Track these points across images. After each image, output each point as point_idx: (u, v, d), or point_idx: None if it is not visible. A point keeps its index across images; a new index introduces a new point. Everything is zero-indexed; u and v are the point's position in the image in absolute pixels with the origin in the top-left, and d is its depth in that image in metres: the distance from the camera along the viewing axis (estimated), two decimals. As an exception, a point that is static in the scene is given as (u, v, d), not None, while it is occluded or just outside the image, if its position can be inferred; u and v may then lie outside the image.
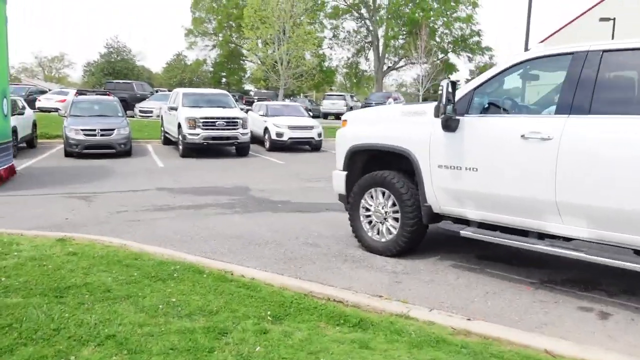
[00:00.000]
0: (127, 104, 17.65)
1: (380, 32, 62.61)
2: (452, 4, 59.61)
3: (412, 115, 5.31)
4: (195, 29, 64.84)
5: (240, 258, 5.50)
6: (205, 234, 6.58)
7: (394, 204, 5.45)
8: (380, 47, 62.33)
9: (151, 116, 26.26)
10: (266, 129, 18.08)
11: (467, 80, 79.39)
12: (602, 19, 34.22)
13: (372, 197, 5.68)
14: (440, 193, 5.03)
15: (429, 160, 5.05)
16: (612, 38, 34.14)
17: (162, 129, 18.98)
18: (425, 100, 56.98)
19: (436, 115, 4.76)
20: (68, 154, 15.05)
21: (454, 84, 4.72)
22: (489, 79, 4.86)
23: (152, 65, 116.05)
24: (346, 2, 62.60)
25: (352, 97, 39.97)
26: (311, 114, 21.05)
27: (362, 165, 5.96)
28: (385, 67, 64.20)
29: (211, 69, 69.07)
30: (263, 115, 18.69)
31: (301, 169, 13.53)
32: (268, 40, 27.55)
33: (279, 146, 17.77)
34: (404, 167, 5.50)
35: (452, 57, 63.69)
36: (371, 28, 62.92)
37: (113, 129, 15.09)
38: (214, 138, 15.45)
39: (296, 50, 28.51)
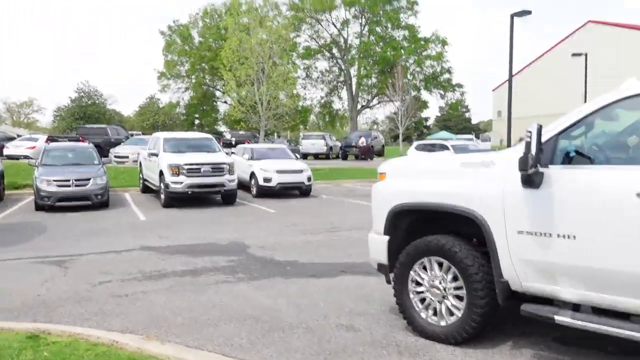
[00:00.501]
0: (101, 149, 16.48)
1: (353, 71, 62.98)
2: (422, 42, 60.50)
3: (477, 167, 4.34)
4: (168, 72, 64.08)
5: (267, 354, 4.36)
6: (213, 314, 5.42)
7: (455, 278, 4.41)
8: (353, 86, 62.53)
9: (127, 162, 24.94)
10: (252, 174, 17.02)
11: (439, 117, 79.12)
12: (574, 54, 34.64)
13: (425, 268, 4.64)
14: (522, 266, 4.03)
15: (505, 225, 4.07)
16: (585, 73, 34.55)
17: (141, 175, 17.75)
18: (409, 139, 56.97)
19: (522, 168, 3.78)
20: (39, 207, 13.69)
21: (540, 129, 3.79)
22: (579, 121, 3.95)
23: (123, 108, 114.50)
24: (318, 43, 63.00)
25: (330, 136, 39.30)
26: (298, 156, 20.06)
27: (407, 228, 4.93)
28: (359, 106, 64.35)
29: (184, 111, 68.08)
30: (249, 159, 17.64)
31: (296, 220, 12.45)
32: (248, 81, 26.74)
33: (266, 192, 16.70)
34: (465, 231, 4.51)
35: (424, 94, 64.13)
36: (343, 67, 63.23)
37: (89, 179, 13.83)
38: (199, 186, 14.31)
39: (275, 91, 27.79)
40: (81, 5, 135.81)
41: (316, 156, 35.61)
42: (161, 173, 14.54)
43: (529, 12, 21.41)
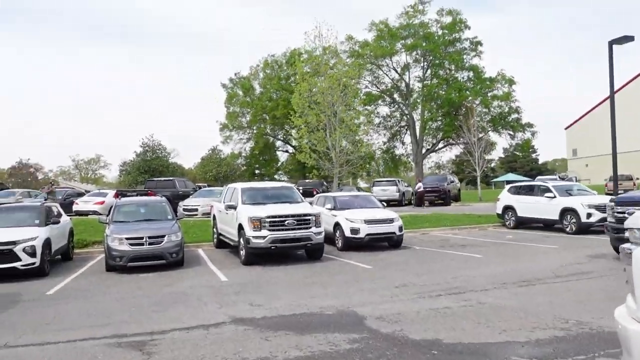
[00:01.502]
0: (170, 203, 15.49)
1: (416, 115, 61.35)
2: (488, 83, 58.36)
3: None
4: (230, 123, 64.61)
5: None
6: None
7: None
8: (417, 130, 60.75)
9: (197, 214, 23.92)
10: (337, 225, 15.35)
11: (502, 159, 75.01)
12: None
13: None
14: None
15: None
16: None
17: (215, 230, 16.43)
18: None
19: None
20: (110, 268, 12.47)
21: None
22: None
23: (184, 161, 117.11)
24: (379, 88, 62.03)
25: (401, 182, 37.35)
26: (384, 204, 18.28)
27: None
28: (423, 150, 62.30)
29: (244, 162, 68.18)
30: (331, 209, 16.02)
31: (402, 278, 10.56)
32: (320, 126, 25.50)
33: (354, 244, 14.94)
34: None
35: (492, 135, 61.37)
36: (406, 112, 61.74)
37: (163, 236, 12.53)
38: (283, 240, 12.72)
39: (348, 136, 26.42)
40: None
41: (388, 203, 33.65)
42: (240, 227, 13.11)
43: (631, 39, 19.16)
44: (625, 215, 10.64)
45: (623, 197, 12.16)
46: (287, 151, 68.23)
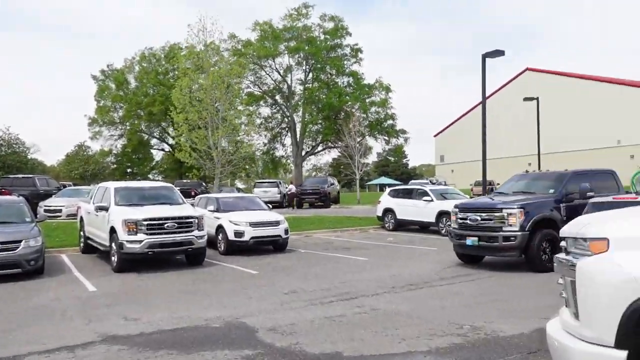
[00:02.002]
0: (29, 203, 13.67)
1: (297, 117, 61.74)
2: (366, 89, 60.35)
3: None
4: (100, 118, 60.31)
5: None
6: None
7: None
8: (297, 132, 61.15)
9: (60, 216, 21.65)
10: (220, 228, 14.57)
11: (376, 163, 77.99)
12: (526, 99, 34.57)
13: None
14: None
15: None
16: (538, 117, 34.59)
17: (82, 233, 14.84)
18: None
19: None
20: (-50, 280, 10.61)
21: None
22: None
23: (46, 158, 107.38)
24: (261, 89, 61.54)
25: (283, 183, 37.13)
26: (270, 206, 17.77)
27: None
28: (303, 152, 62.88)
29: (114, 160, 64.08)
30: (214, 211, 15.19)
31: (290, 283, 10.13)
32: (201, 125, 24.28)
33: (237, 248, 14.27)
34: None
35: (369, 140, 63.58)
36: (287, 113, 61.90)
37: (19, 241, 10.92)
38: (162, 245, 11.70)
39: (231, 136, 25.54)
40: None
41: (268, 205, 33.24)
42: (113, 230, 11.87)
43: (501, 53, 20.49)
44: (467, 221, 11.05)
45: (465, 204, 12.15)
46: (163, 149, 65.24)
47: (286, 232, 14.88)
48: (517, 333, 6.28)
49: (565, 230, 3.43)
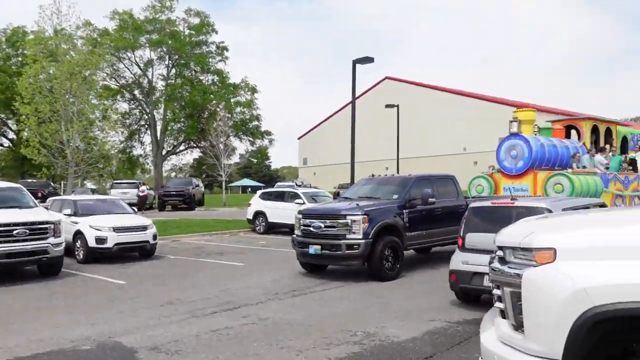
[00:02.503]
0: None
1: (157, 115, 58.99)
2: (232, 89, 59.53)
3: None
4: None
5: None
6: None
7: None
8: (158, 130, 58.40)
9: None
10: (79, 234, 13.16)
11: (238, 164, 77.35)
12: (387, 106, 36.39)
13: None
14: None
15: None
16: (398, 123, 36.61)
17: None
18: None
19: None
20: None
21: None
22: None
23: None
24: (118, 83, 57.79)
25: (143, 184, 35.05)
26: (135, 209, 16.46)
27: (590, 347, 2.85)
28: (164, 152, 60.23)
29: None
30: (71, 215, 13.69)
31: (164, 293, 9.38)
32: (53, 118, 21.84)
33: (99, 256, 13.00)
34: None
35: (234, 141, 62.85)
36: (147, 110, 58.85)
37: None
38: (9, 255, 10.17)
39: (85, 132, 23.36)
40: None
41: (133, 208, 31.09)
42: (-54, 238, 10.09)
43: (371, 60, 21.20)
44: (311, 229, 10.35)
45: (310, 209, 11.36)
46: (1, 145, 58.28)
47: (154, 237, 13.90)
48: (409, 337, 6.33)
49: (503, 240, 3.38)
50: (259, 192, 21.91)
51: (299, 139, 71.85)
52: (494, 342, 3.17)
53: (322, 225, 10.25)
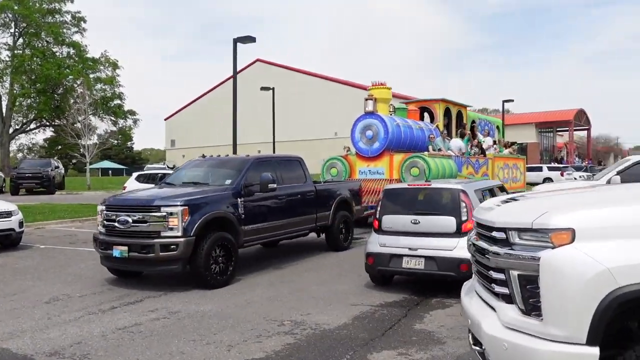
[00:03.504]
0: None
1: (2, 88, 52.65)
2: (90, 63, 54.96)
3: None
4: None
5: None
6: None
7: None
8: (3, 106, 52.19)
9: None
10: None
11: (99, 144, 72.99)
12: (263, 88, 35.90)
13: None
14: None
15: None
16: (273, 106, 36.33)
17: None
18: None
19: None
20: None
21: None
22: None
23: None
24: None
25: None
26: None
27: (616, 329, 2.79)
28: (11, 130, 54.06)
29: None
30: None
31: (46, 288, 8.22)
32: None
33: (-49, 248, 11.12)
34: None
35: (94, 120, 58.21)
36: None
37: None
38: None
39: None
40: None
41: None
42: None
43: (253, 40, 20.63)
44: (116, 224, 8.14)
45: (116, 199, 8.85)
46: None
47: (21, 224, 12.26)
48: (341, 324, 6.12)
49: (507, 220, 3.18)
50: (134, 174, 20.42)
51: (165, 119, 68.68)
52: (500, 329, 3.02)
53: (130, 220, 8.04)
